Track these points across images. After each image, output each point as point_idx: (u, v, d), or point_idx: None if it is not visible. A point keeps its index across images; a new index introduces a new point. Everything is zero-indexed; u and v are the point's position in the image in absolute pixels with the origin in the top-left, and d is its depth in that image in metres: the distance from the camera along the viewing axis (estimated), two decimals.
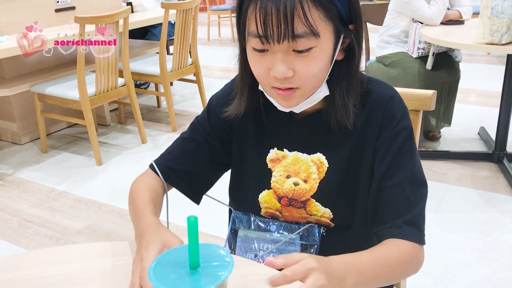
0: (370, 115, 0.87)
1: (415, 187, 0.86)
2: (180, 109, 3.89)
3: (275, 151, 0.94)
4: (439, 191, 2.50)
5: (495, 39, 2.24)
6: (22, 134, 3.37)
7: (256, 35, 0.76)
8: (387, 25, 2.99)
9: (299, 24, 0.74)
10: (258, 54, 0.79)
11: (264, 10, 0.74)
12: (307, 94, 0.83)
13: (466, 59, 4.80)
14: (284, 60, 0.77)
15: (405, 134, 0.87)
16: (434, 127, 3.03)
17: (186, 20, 3.30)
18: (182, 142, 1.00)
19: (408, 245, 0.83)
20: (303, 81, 0.80)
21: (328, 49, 0.79)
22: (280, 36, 0.75)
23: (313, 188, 0.91)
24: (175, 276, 0.59)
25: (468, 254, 2.01)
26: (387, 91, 0.89)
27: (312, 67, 0.78)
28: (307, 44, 0.76)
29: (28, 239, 2.27)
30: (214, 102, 0.99)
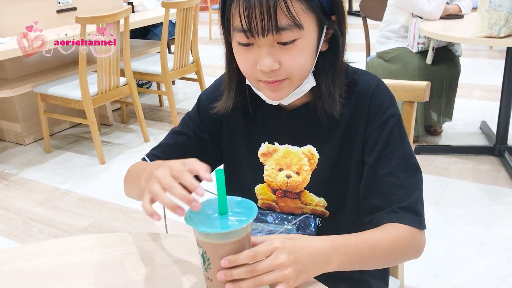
0: (357, 105, 0.89)
1: (408, 173, 0.87)
2: (182, 108, 3.90)
3: (266, 145, 0.95)
4: (440, 185, 2.51)
5: (494, 32, 2.24)
6: (26, 135, 3.39)
7: (240, 30, 0.78)
8: (387, 20, 3.00)
9: (282, 16, 0.75)
10: (244, 48, 0.80)
11: (247, 4, 0.75)
12: (295, 84, 0.84)
13: (468, 54, 4.80)
14: (269, 53, 0.78)
15: (393, 122, 0.87)
16: (435, 122, 3.03)
17: (187, 18, 3.32)
18: (173, 135, 1.01)
19: (405, 229, 0.82)
20: (290, 72, 0.81)
21: (312, 40, 0.81)
22: (264, 30, 0.76)
23: (306, 180, 0.92)
24: (205, 218, 0.68)
25: (468, 247, 2.02)
26: (372, 80, 0.90)
27: (297, 58, 0.80)
28: (291, 36, 0.77)
29: (32, 238, 2.30)
30: (203, 97, 1.00)
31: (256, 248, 0.69)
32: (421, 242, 0.86)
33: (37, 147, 3.35)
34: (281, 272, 0.68)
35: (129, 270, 0.81)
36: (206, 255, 0.68)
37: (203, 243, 0.68)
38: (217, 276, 0.69)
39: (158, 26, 4.21)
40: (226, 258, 0.67)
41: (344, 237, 0.79)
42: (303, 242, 0.73)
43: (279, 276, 0.67)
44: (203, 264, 0.70)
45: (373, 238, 0.80)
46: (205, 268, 0.70)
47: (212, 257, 0.68)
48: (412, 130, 1.11)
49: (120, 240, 0.90)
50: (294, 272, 0.69)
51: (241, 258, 0.67)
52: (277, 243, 0.70)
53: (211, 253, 0.68)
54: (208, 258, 0.68)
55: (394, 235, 0.81)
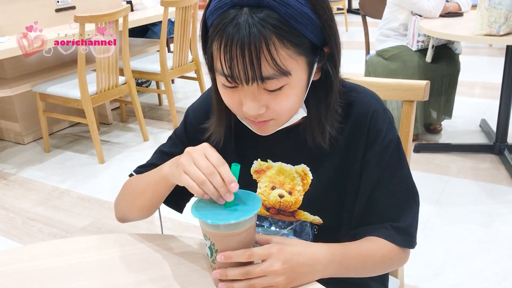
0: (354, 128, 0.85)
1: (405, 196, 0.87)
2: (182, 107, 3.90)
3: (258, 162, 0.92)
4: (440, 184, 2.51)
5: (493, 30, 2.24)
6: (25, 134, 3.39)
7: (223, 74, 0.72)
8: (386, 18, 2.99)
9: (266, 67, 0.69)
10: (229, 89, 0.75)
11: (229, 53, 0.68)
12: (282, 123, 0.81)
13: (467, 52, 4.79)
14: (255, 99, 0.73)
15: (393, 146, 0.86)
16: (435, 120, 3.03)
17: (186, 17, 3.31)
18: (160, 155, 0.97)
19: (397, 249, 0.85)
20: (277, 114, 0.77)
21: (301, 81, 0.76)
22: (248, 79, 0.70)
23: (298, 201, 0.90)
24: (211, 210, 0.70)
25: (468, 245, 2.01)
26: (370, 102, 0.86)
27: (285, 103, 0.75)
28: (278, 84, 0.72)
29: (32, 237, 2.30)
30: (190, 115, 0.96)
31: (253, 250, 0.71)
32: (407, 258, 0.89)
33: (36, 147, 3.35)
34: (273, 279, 0.70)
35: (129, 271, 0.81)
36: (214, 247, 0.70)
37: (212, 234, 0.69)
38: (212, 274, 0.72)
39: (157, 24, 4.20)
40: (221, 253, 0.69)
41: (342, 247, 0.80)
42: (301, 249, 0.75)
43: (270, 282, 0.70)
44: (210, 256, 0.72)
45: (367, 250, 0.83)
46: (213, 260, 0.72)
47: (220, 248, 0.70)
48: (411, 129, 1.11)
49: (119, 241, 0.90)
50: (287, 279, 0.71)
51: (237, 255, 0.70)
52: (274, 249, 0.71)
53: (219, 245, 0.70)
54: (216, 250, 0.70)
55: (386, 251, 0.84)
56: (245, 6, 0.68)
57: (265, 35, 0.67)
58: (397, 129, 0.91)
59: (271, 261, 0.70)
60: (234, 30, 0.67)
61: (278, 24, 0.68)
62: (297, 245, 0.75)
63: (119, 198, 0.96)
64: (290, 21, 0.69)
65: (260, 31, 0.67)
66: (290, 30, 0.69)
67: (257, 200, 0.72)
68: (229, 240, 0.69)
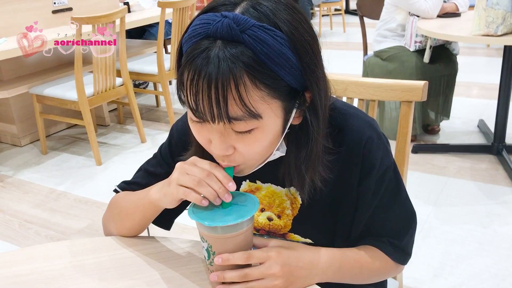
0: (348, 157, 0.80)
1: (403, 219, 0.86)
2: (179, 108, 3.88)
3: (247, 183, 0.88)
4: (438, 184, 2.50)
5: (491, 31, 2.23)
6: (22, 136, 3.38)
7: (190, 108, 0.66)
8: (384, 19, 2.99)
9: (234, 107, 0.63)
10: (197, 124, 0.69)
11: (195, 87, 0.63)
12: (253, 167, 0.75)
13: (465, 52, 4.80)
14: (222, 138, 0.67)
15: (389, 173, 0.82)
16: (433, 120, 3.03)
17: (183, 18, 3.30)
18: (145, 175, 0.94)
19: (392, 263, 0.86)
20: (244, 159, 0.71)
21: (275, 127, 0.68)
22: (213, 118, 0.64)
23: (288, 225, 0.88)
24: (209, 212, 0.69)
25: (467, 246, 2.01)
26: (363, 128, 0.80)
27: (254, 147, 0.68)
28: (247, 126, 0.65)
29: (29, 240, 2.28)
30: (175, 134, 0.91)
31: (252, 252, 0.70)
32: (400, 271, 0.91)
33: (33, 149, 3.33)
34: (271, 282, 0.69)
35: (124, 274, 0.80)
36: (211, 249, 0.69)
37: (209, 237, 0.69)
38: (210, 277, 0.71)
39: (154, 26, 4.19)
40: (219, 256, 0.68)
41: (341, 252, 0.80)
42: (300, 253, 0.74)
43: (268, 285, 0.69)
44: (208, 258, 0.71)
45: (365, 259, 0.82)
46: (210, 263, 0.71)
47: (218, 250, 0.69)
48: (409, 129, 1.11)
49: (115, 244, 0.89)
50: (285, 283, 0.70)
51: (235, 257, 0.69)
52: (273, 252, 0.71)
53: (217, 247, 0.69)
54: (214, 252, 0.69)
55: (382, 262, 0.84)
56: (219, 39, 0.62)
57: (235, 73, 0.61)
58: (395, 132, 0.89)
59: (269, 264, 0.70)
60: (203, 62, 0.62)
61: (251, 62, 0.62)
62: (296, 248, 0.74)
63: (106, 217, 0.94)
64: (265, 61, 0.62)
65: (230, 68, 0.61)
66: (264, 70, 0.63)
67: (254, 202, 0.71)
68: (227, 243, 0.68)
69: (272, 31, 0.63)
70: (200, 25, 0.64)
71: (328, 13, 7.00)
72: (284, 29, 0.64)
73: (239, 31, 0.62)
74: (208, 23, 0.63)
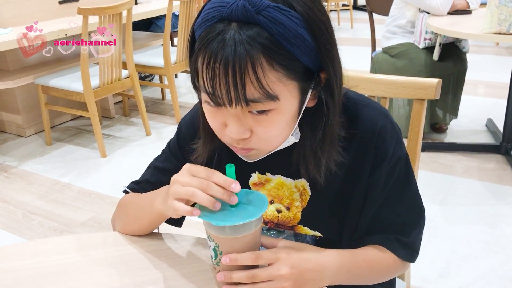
0: (360, 145, 0.79)
1: (411, 212, 0.85)
2: (185, 101, 3.87)
3: (257, 175, 0.87)
4: (445, 183, 2.48)
5: (503, 29, 2.20)
6: (27, 127, 3.37)
7: (206, 92, 0.66)
8: (394, 15, 2.95)
9: (251, 89, 0.62)
10: (212, 108, 0.69)
11: (212, 71, 0.62)
12: (266, 152, 0.75)
13: (474, 50, 4.75)
14: (239, 121, 0.67)
15: (401, 164, 0.81)
16: (441, 119, 3.00)
17: (190, 11, 3.28)
18: (155, 172, 0.93)
19: (400, 261, 0.84)
20: (261, 143, 0.71)
21: (291, 108, 0.68)
22: (230, 101, 0.64)
23: (297, 217, 0.87)
24: (218, 211, 0.67)
25: (474, 246, 1.99)
26: (377, 117, 0.80)
27: (271, 129, 0.68)
28: (264, 108, 0.65)
29: (32, 231, 2.28)
30: (183, 128, 0.91)
31: (260, 253, 0.68)
32: (406, 269, 0.88)
33: (38, 139, 3.33)
34: (280, 284, 0.67)
35: (128, 271, 0.79)
36: (218, 249, 0.68)
37: (216, 236, 0.67)
38: (217, 277, 0.69)
39: (161, 18, 4.17)
40: (227, 255, 0.67)
41: (350, 254, 0.78)
42: (310, 255, 0.72)
43: (277, 287, 0.67)
44: (214, 258, 0.69)
45: (373, 259, 0.81)
46: (217, 262, 0.69)
47: (225, 250, 0.67)
48: (421, 128, 1.08)
49: (119, 239, 0.88)
50: (294, 285, 0.68)
51: (243, 257, 0.67)
52: (282, 253, 0.69)
53: (224, 247, 0.67)
54: (221, 252, 0.67)
55: (390, 261, 0.83)
56: (234, 21, 0.62)
57: (252, 55, 0.61)
58: (403, 130, 0.87)
59: (278, 266, 0.68)
60: (219, 46, 0.61)
61: (267, 44, 0.61)
62: (306, 250, 0.72)
63: (115, 217, 0.93)
64: (281, 42, 0.62)
65: (247, 50, 0.60)
66: (280, 51, 0.62)
67: (263, 200, 0.69)
68: (235, 242, 0.66)
69: (287, 11, 0.62)
70: (214, 9, 0.63)
71: (336, 8, 6.96)
72: (299, 9, 0.63)
73: (254, 12, 0.61)
74: (222, 6, 0.63)
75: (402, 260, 0.84)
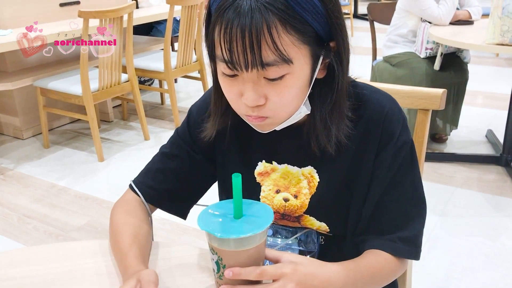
0: (367, 127, 0.81)
1: (415, 202, 0.83)
2: (184, 106, 3.85)
3: (263, 164, 0.88)
4: (445, 194, 2.46)
5: (506, 40, 2.19)
6: (24, 129, 3.34)
7: (223, 60, 0.69)
8: (395, 24, 2.95)
9: (267, 52, 0.66)
10: (228, 78, 0.72)
11: (229, 35, 0.66)
12: (280, 121, 0.77)
13: (474, 61, 4.74)
14: (255, 88, 0.70)
15: (406, 149, 0.82)
16: (441, 129, 2.99)
17: (191, 16, 3.27)
18: (163, 158, 0.93)
19: (402, 261, 0.83)
20: (275, 110, 0.73)
21: (304, 74, 0.72)
22: (247, 65, 0.67)
23: (304, 205, 0.86)
24: (220, 222, 0.66)
25: (474, 258, 1.97)
26: (384, 100, 0.83)
27: (285, 95, 0.71)
28: (279, 72, 0.68)
29: (27, 235, 2.25)
30: (194, 112, 0.92)
31: (265, 268, 0.65)
32: (406, 267, 0.87)
33: (35, 142, 3.30)
34: None
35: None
36: (221, 262, 0.65)
37: (220, 249, 0.64)
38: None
39: (162, 23, 4.16)
40: (230, 269, 0.64)
41: (355, 265, 0.77)
42: (316, 270, 0.70)
43: None
44: (217, 271, 0.67)
45: (376, 267, 0.80)
46: (219, 276, 0.67)
47: (229, 263, 0.65)
48: (425, 138, 1.07)
49: None
50: None
51: (246, 272, 0.64)
52: (287, 269, 0.67)
53: (228, 260, 0.65)
54: (224, 265, 0.65)
55: (392, 265, 0.81)
56: None
57: (267, 18, 0.64)
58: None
59: (284, 282, 0.65)
60: (235, 12, 0.65)
61: (282, 7, 0.65)
62: (311, 266, 0.70)
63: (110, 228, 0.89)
64: (294, 6, 0.66)
65: (263, 14, 0.64)
66: (294, 15, 0.66)
67: (269, 212, 0.67)
68: (239, 256, 0.64)
69: None
70: None
71: None
72: None
73: None
74: None
75: (404, 259, 0.83)
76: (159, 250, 0.85)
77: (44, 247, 0.88)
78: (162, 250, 0.85)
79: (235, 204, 0.66)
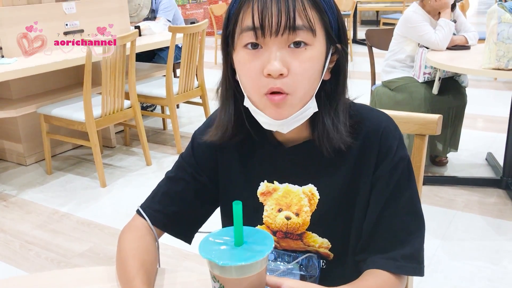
0: (365, 145, 0.84)
1: (413, 217, 0.85)
2: (186, 132, 3.88)
3: (265, 184, 0.90)
4: (446, 217, 2.46)
5: (502, 64, 2.23)
6: (28, 155, 3.37)
7: (251, 28, 0.74)
8: (393, 50, 3.00)
9: (299, 16, 0.73)
10: (250, 53, 0.76)
11: (263, 2, 0.73)
12: (297, 104, 0.78)
13: (472, 85, 4.78)
14: (279, 55, 0.74)
15: (403, 165, 0.84)
16: (440, 152, 3.00)
17: (193, 43, 3.33)
18: (168, 182, 0.95)
19: (398, 279, 0.82)
20: (294, 84, 0.75)
21: (321, 55, 0.78)
22: (279, 27, 0.73)
23: (306, 222, 0.88)
24: (221, 250, 0.66)
25: (477, 283, 1.96)
26: (381, 118, 0.87)
27: (306, 67, 0.75)
28: (305, 38, 0.74)
29: (29, 262, 2.25)
30: (197, 137, 0.94)
31: None
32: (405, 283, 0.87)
33: (38, 168, 3.32)
34: None
35: None
36: None
37: (221, 277, 0.65)
38: None
39: (164, 50, 4.22)
40: None
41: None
42: None
43: None
44: None
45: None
46: None
47: None
48: (423, 163, 1.08)
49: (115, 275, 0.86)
50: None
51: None
52: None
53: (230, 287, 0.65)
54: None
55: (391, 284, 0.81)
56: None
57: None
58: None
59: None
60: None
61: None
62: None
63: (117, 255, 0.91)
64: None
65: None
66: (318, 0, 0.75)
67: (269, 239, 0.68)
68: (241, 283, 0.65)
69: None
70: None
71: None
72: None
73: None
74: None
75: (403, 276, 0.83)
76: (164, 275, 0.86)
77: (45, 274, 0.89)
78: (167, 276, 0.85)
79: (236, 232, 0.67)
